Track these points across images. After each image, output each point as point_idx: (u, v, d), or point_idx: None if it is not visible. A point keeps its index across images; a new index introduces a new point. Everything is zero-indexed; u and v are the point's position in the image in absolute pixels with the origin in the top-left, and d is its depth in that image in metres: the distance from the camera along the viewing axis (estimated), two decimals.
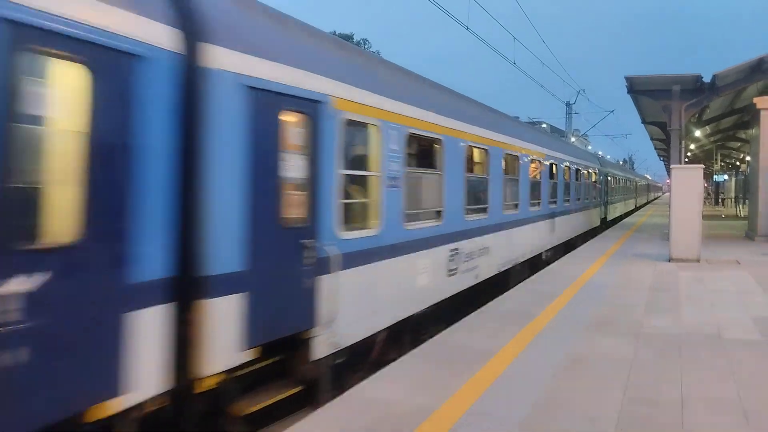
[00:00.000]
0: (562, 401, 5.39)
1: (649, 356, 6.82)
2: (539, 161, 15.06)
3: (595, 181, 25.14)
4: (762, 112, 20.26)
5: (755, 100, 20.67)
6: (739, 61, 18.59)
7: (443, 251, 8.93)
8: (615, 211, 33.79)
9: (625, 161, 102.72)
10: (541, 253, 15.54)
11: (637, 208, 52.35)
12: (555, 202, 16.88)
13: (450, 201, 9.11)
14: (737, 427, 4.85)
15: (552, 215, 16.44)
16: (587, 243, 20.05)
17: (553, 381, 5.93)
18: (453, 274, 9.31)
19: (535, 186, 14.63)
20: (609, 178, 30.58)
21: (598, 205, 26.51)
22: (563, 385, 5.83)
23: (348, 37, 55.82)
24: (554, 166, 16.80)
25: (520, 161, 13.22)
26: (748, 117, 24.04)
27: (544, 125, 72.99)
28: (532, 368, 6.34)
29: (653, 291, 10.97)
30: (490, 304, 9.75)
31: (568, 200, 18.80)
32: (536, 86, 35.98)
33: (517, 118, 18.36)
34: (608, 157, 62.77)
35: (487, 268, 10.96)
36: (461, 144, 9.61)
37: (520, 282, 11.96)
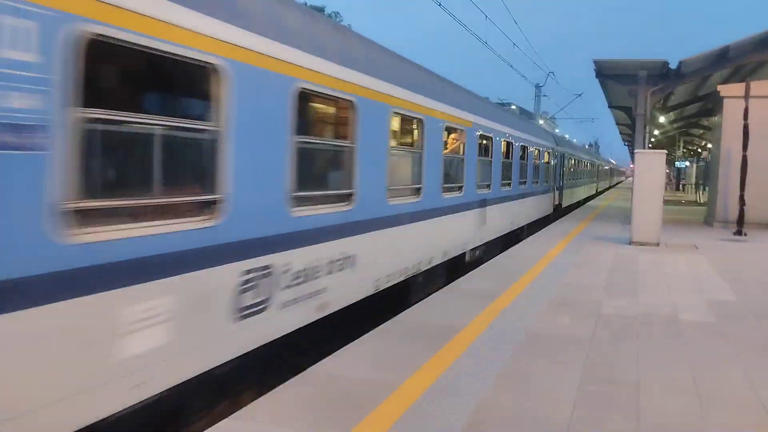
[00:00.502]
0: (522, 379, 5.46)
1: (607, 336, 6.95)
2: (462, 131, 11.33)
3: (548, 162, 22.32)
4: (725, 100, 20.66)
5: (719, 87, 21.06)
6: (705, 48, 18.88)
7: (221, 277, 4.86)
8: (572, 196, 30.99)
9: (590, 145, 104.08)
10: (464, 254, 11.96)
11: (598, 193, 50.17)
12: (488, 186, 13.39)
13: (247, 182, 5.11)
14: (691, 407, 4.98)
15: (483, 203, 12.85)
16: (550, 225, 20.30)
17: (514, 359, 6.00)
18: (253, 314, 5.26)
19: (454, 164, 11.10)
20: (566, 159, 27.64)
21: (551, 190, 23.42)
22: (524, 363, 5.91)
23: (320, 9, 55.00)
24: (488, 139, 13.27)
25: (426, 128, 9.29)
26: (712, 104, 24.50)
27: (513, 107, 73.35)
28: (494, 346, 6.41)
29: (613, 273, 11.18)
30: (455, 283, 9.81)
31: (508, 183, 15.40)
32: (507, 68, 36.10)
33: (487, 98, 17.69)
34: (575, 140, 63.11)
35: (348, 289, 7.08)
36: (286, 85, 5.66)
37: (421, 299, 8.91)
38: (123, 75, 4.73)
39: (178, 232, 4.41)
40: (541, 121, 60.26)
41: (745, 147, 18.59)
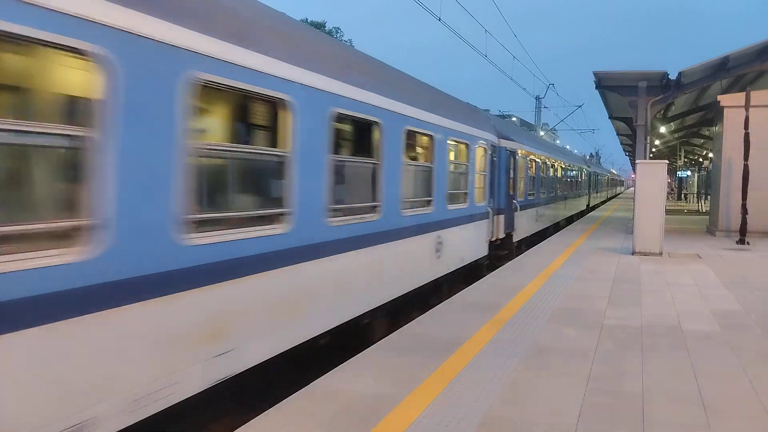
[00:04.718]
0: (526, 392, 5.42)
1: (612, 347, 6.91)
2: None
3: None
4: (725, 110, 20.70)
5: (719, 97, 21.12)
6: (705, 58, 18.93)
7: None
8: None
9: (592, 155, 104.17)
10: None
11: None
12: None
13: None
14: (697, 418, 4.94)
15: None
16: (552, 237, 20.27)
17: (519, 372, 5.97)
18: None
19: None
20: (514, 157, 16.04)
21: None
22: (528, 375, 5.87)
23: (320, 25, 55.38)
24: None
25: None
26: (712, 114, 24.56)
27: (514, 118, 73.48)
28: (498, 359, 6.37)
29: (616, 283, 11.14)
30: (457, 295, 9.79)
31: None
32: (507, 81, 36.26)
33: (488, 110, 17.40)
34: (575, 151, 62.26)
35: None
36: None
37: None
38: None
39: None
40: (541, 133, 60.04)
41: (746, 156, 18.58)
